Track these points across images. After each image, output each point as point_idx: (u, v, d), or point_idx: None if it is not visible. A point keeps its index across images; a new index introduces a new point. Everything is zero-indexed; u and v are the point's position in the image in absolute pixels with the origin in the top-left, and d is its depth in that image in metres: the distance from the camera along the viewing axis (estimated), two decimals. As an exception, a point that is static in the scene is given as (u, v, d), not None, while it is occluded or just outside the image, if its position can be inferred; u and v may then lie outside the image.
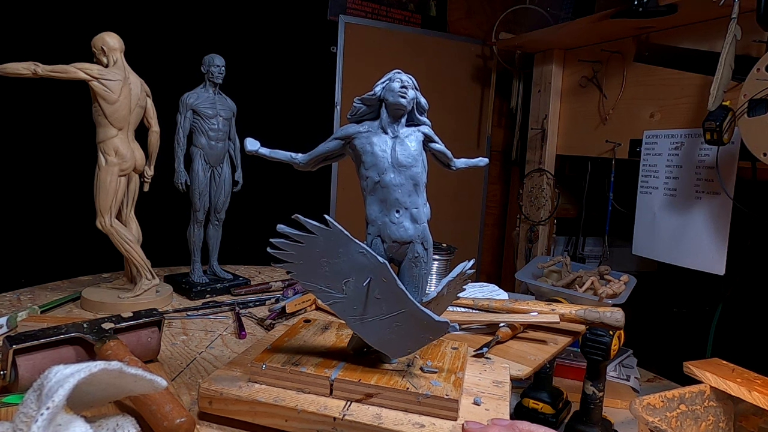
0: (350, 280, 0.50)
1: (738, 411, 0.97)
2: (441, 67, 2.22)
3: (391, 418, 0.48)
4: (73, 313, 0.87)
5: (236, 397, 0.50)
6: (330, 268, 0.50)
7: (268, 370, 0.52)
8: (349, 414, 0.48)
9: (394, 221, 0.51)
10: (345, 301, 0.50)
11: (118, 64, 0.87)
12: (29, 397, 0.37)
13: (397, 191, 0.51)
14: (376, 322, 0.51)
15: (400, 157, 0.51)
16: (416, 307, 0.50)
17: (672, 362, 1.24)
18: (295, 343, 0.57)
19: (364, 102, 0.53)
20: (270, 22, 1.87)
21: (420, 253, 0.52)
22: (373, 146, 0.51)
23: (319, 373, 0.51)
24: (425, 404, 0.48)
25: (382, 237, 0.52)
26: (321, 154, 0.54)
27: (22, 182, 1.53)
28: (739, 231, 1.39)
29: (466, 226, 2.43)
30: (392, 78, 0.53)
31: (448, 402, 0.48)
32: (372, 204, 0.52)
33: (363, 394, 0.50)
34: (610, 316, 0.83)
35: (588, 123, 1.84)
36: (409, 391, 0.49)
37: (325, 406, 0.49)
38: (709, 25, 1.40)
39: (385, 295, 0.50)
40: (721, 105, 1.19)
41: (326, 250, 0.49)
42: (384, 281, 0.49)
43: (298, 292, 1.00)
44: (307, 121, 1.98)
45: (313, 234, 0.49)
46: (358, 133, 0.53)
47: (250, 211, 1.74)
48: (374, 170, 0.51)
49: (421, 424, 0.47)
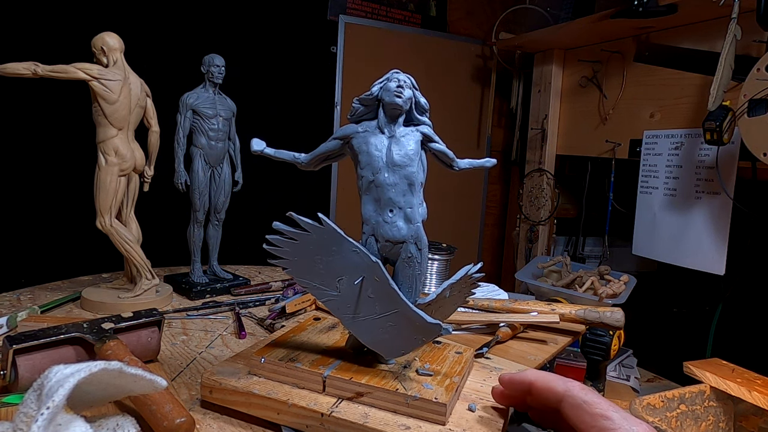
0: (343, 279, 0.50)
1: (738, 411, 0.97)
2: (441, 67, 2.22)
3: (378, 418, 0.48)
4: (73, 313, 0.87)
5: (233, 387, 0.51)
6: (324, 266, 0.50)
7: (267, 364, 0.53)
8: (337, 411, 0.48)
9: (387, 220, 0.51)
10: (339, 299, 0.51)
11: (118, 64, 0.87)
12: (29, 396, 0.37)
13: (391, 190, 0.51)
14: (369, 322, 0.51)
15: (395, 156, 0.51)
16: (408, 307, 0.50)
17: (672, 362, 1.24)
18: (298, 339, 0.58)
19: (362, 102, 0.53)
20: (270, 22, 1.87)
21: (413, 253, 0.52)
22: (369, 146, 0.52)
23: (314, 369, 0.51)
24: (413, 406, 0.48)
25: (376, 236, 0.52)
26: (321, 153, 0.55)
27: (22, 182, 1.53)
28: (739, 231, 1.39)
29: (466, 226, 2.43)
30: (389, 78, 0.53)
31: (436, 405, 0.47)
32: (367, 203, 0.52)
33: (354, 393, 0.50)
34: (610, 316, 0.83)
35: (588, 123, 1.84)
36: (398, 392, 0.49)
37: (315, 402, 0.49)
38: (709, 25, 1.40)
39: (378, 294, 0.50)
40: (721, 105, 1.19)
41: (320, 247, 0.50)
42: (377, 280, 0.49)
43: (298, 292, 1.00)
44: (307, 121, 1.98)
45: (306, 231, 0.49)
46: (356, 132, 0.53)
47: (250, 212, 1.74)
48: (369, 169, 0.51)
49: (407, 426, 0.47)
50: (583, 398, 0.41)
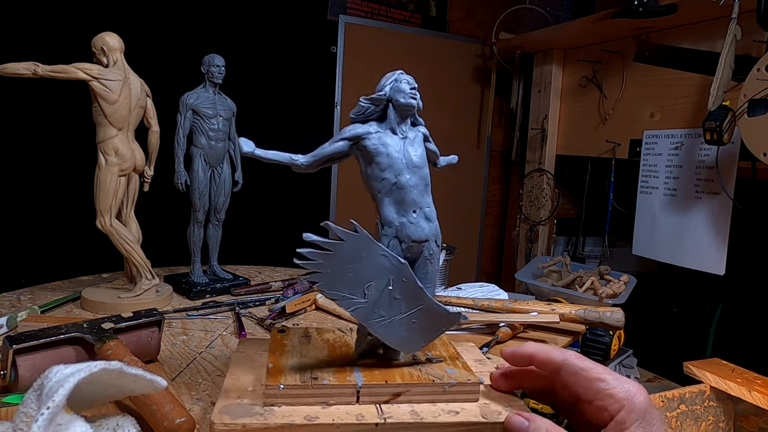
0: (372, 284, 0.49)
1: (738, 411, 0.97)
2: (441, 67, 2.22)
3: (427, 411, 0.49)
4: (73, 313, 0.87)
5: (264, 426, 0.46)
6: (354, 274, 0.49)
7: (287, 390, 0.49)
8: (388, 416, 0.48)
9: (412, 221, 0.51)
10: (367, 305, 0.50)
11: (118, 64, 0.87)
12: (29, 396, 0.37)
13: (413, 192, 0.51)
14: (395, 322, 0.51)
15: (413, 157, 0.52)
16: (432, 302, 0.51)
17: (672, 362, 1.25)
18: (294, 358, 0.55)
19: (373, 102, 0.52)
20: (270, 22, 1.87)
21: (434, 250, 0.53)
22: (387, 147, 0.51)
23: (343, 382, 0.50)
24: (450, 392, 0.50)
25: (400, 237, 0.52)
26: (327, 155, 0.52)
27: (22, 182, 1.53)
28: (739, 231, 1.39)
29: (466, 226, 2.43)
30: (398, 79, 0.52)
31: (471, 386, 0.50)
32: (388, 205, 0.52)
33: (390, 395, 0.50)
34: (610, 316, 0.83)
35: (588, 123, 1.84)
36: (435, 383, 0.50)
37: (361, 415, 0.48)
38: (709, 25, 1.40)
39: (405, 294, 0.50)
40: (721, 105, 1.19)
41: (352, 255, 0.48)
42: (404, 281, 0.50)
43: (298, 292, 1.00)
44: (307, 121, 1.98)
45: (341, 240, 0.48)
46: (368, 133, 0.52)
47: (250, 212, 1.74)
48: (391, 171, 0.51)
49: (455, 411, 0.49)
50: (579, 365, 0.45)
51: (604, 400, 0.42)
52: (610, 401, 0.42)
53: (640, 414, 0.41)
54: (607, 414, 0.42)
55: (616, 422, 0.41)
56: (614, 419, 0.41)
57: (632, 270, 1.70)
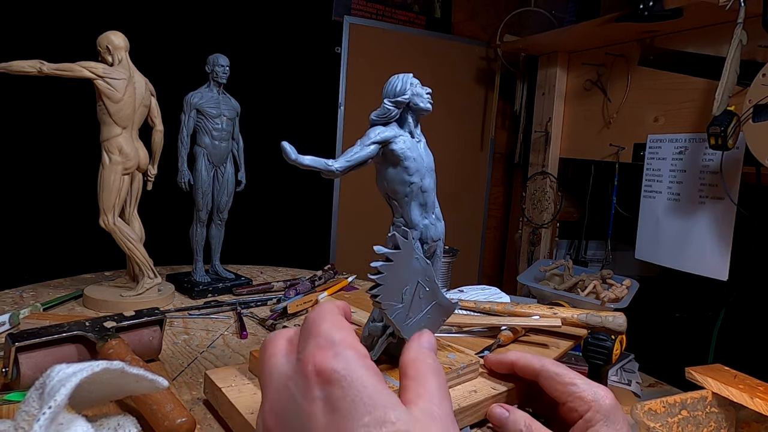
0: (407, 287, 0.50)
1: (740, 417, 0.97)
2: (445, 69, 2.22)
3: (456, 397, 0.53)
4: (76, 311, 0.87)
5: None
6: (400, 281, 0.50)
7: None
8: None
9: (432, 222, 0.54)
10: (402, 308, 0.51)
11: (123, 63, 0.87)
12: (31, 395, 0.37)
13: (433, 194, 0.54)
14: (418, 320, 0.53)
15: (430, 161, 0.53)
16: (443, 296, 0.54)
17: (674, 367, 1.24)
18: None
19: (397, 105, 0.52)
20: (274, 23, 1.87)
21: (442, 247, 0.56)
22: (413, 151, 0.51)
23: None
24: (462, 374, 0.55)
25: (423, 239, 0.53)
26: (362, 159, 0.50)
27: (25, 180, 1.53)
28: (742, 236, 1.39)
29: (468, 229, 2.43)
30: (413, 83, 0.52)
31: (476, 365, 0.57)
32: (414, 208, 0.52)
33: None
34: (612, 321, 0.83)
35: (592, 126, 1.83)
36: (452, 369, 0.55)
37: None
38: (715, 29, 1.39)
39: (425, 293, 0.52)
40: (725, 110, 1.19)
41: (403, 263, 0.49)
42: (428, 280, 0.52)
43: (300, 292, 1.00)
44: (310, 121, 1.98)
45: (399, 250, 0.48)
46: (396, 137, 0.51)
47: (253, 211, 1.74)
48: (418, 175, 0.52)
49: (474, 389, 0.54)
50: (554, 371, 0.50)
51: (575, 401, 0.47)
52: (579, 403, 0.46)
53: (605, 414, 0.45)
54: (577, 414, 0.46)
55: (584, 421, 0.46)
56: (582, 418, 0.46)
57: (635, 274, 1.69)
